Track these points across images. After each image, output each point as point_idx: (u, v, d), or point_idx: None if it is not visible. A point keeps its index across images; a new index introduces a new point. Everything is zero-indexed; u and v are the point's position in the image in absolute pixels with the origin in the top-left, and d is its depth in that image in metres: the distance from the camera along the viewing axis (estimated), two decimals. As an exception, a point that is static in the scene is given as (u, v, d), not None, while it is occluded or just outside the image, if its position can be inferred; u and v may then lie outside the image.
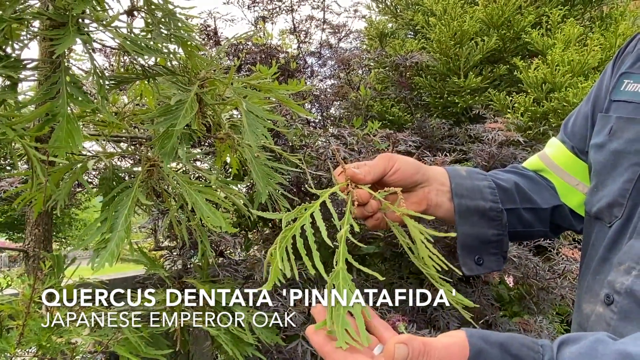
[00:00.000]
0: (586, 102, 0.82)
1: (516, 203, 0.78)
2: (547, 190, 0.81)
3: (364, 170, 0.68)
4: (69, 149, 0.82)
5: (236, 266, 1.52)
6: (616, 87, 0.73)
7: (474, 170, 0.79)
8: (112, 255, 0.84)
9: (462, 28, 2.90)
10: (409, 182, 0.72)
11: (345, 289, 0.52)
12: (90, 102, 0.82)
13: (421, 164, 0.75)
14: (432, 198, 0.74)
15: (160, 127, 0.89)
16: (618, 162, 0.67)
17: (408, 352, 0.45)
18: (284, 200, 1.12)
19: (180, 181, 0.94)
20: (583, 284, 0.71)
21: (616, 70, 0.76)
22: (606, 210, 0.68)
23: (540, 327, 2.00)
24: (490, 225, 0.75)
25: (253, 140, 0.89)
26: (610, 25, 3.00)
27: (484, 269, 0.75)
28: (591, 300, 0.66)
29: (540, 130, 2.67)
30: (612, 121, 0.70)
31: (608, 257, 0.66)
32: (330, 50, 3.38)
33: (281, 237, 0.57)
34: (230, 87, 0.97)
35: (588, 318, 0.66)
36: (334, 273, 0.54)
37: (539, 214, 0.80)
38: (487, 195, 0.75)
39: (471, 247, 0.75)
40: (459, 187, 0.75)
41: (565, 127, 0.85)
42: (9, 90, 0.83)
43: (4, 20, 0.79)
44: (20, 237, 12.47)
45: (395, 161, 0.71)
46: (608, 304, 0.61)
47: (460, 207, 0.74)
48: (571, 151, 0.81)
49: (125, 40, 0.81)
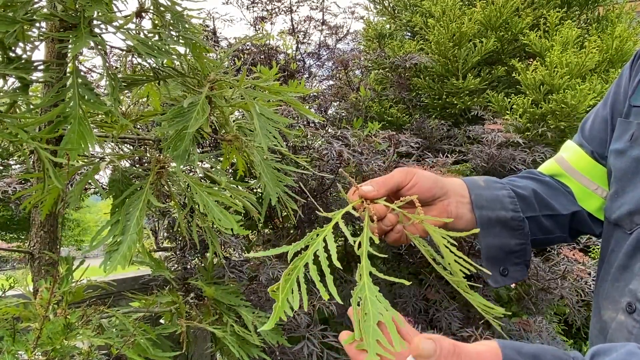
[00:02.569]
0: (604, 105, 0.81)
1: (535, 211, 0.77)
2: (565, 196, 0.81)
3: (377, 184, 0.67)
4: (81, 150, 0.82)
5: (240, 267, 1.52)
6: (636, 91, 0.73)
7: (491, 180, 0.79)
8: (124, 257, 0.84)
9: (460, 30, 2.92)
10: (427, 195, 0.71)
11: (372, 301, 0.51)
12: (103, 104, 0.82)
13: (438, 177, 0.73)
14: (452, 210, 0.73)
15: (171, 130, 0.88)
16: (639, 169, 0.66)
17: (435, 349, 0.45)
18: (292, 202, 1.13)
19: (191, 183, 0.94)
20: (602, 290, 0.71)
21: (634, 73, 0.76)
22: (627, 218, 0.67)
23: (540, 328, 2.01)
24: (513, 235, 0.74)
25: (265, 143, 0.89)
26: (607, 27, 3.02)
27: (510, 280, 0.74)
28: (611, 307, 0.66)
29: (538, 132, 2.69)
30: (633, 127, 0.70)
31: (628, 264, 0.65)
32: (328, 50, 3.39)
33: (292, 267, 0.55)
34: (241, 89, 0.97)
35: (608, 325, 0.66)
36: (358, 286, 0.53)
37: (558, 221, 0.79)
38: (508, 204, 0.75)
39: (495, 258, 0.74)
40: (479, 198, 0.74)
41: (582, 130, 0.85)
42: (20, 92, 0.82)
43: (16, 22, 0.78)
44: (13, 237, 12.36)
45: (413, 175, 0.70)
46: (630, 312, 0.61)
47: (482, 219, 0.73)
48: (590, 155, 0.80)
49: (139, 44, 0.81)
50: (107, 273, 0.81)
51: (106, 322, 1.11)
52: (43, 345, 0.71)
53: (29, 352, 0.68)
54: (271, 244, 1.98)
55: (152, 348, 1.06)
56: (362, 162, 1.78)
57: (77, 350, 0.87)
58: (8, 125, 0.77)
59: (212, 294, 1.37)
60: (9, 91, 0.83)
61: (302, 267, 0.55)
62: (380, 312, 0.50)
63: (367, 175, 2.03)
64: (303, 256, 0.56)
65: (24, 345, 0.69)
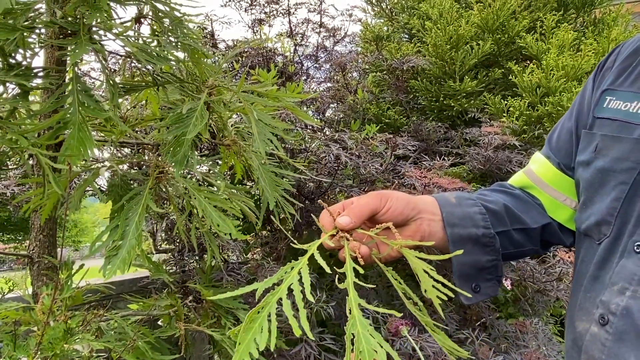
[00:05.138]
0: (569, 117, 0.82)
1: (507, 225, 0.78)
2: (535, 209, 0.82)
3: (354, 214, 0.66)
4: (81, 157, 0.83)
5: (239, 270, 1.53)
6: (599, 103, 0.73)
7: (463, 196, 0.79)
8: (123, 262, 0.85)
9: (457, 32, 2.93)
10: (401, 218, 0.71)
11: (366, 337, 0.50)
12: (103, 111, 0.82)
13: (410, 197, 0.74)
14: (425, 229, 0.73)
15: (170, 135, 0.89)
16: (605, 180, 0.67)
17: None
18: (290, 207, 1.14)
19: (189, 187, 0.95)
20: (575, 301, 0.71)
21: (597, 85, 0.77)
22: (595, 228, 0.68)
23: (536, 329, 2.03)
24: (485, 252, 0.75)
25: (263, 149, 0.90)
26: (603, 30, 3.04)
27: (481, 296, 0.75)
28: (584, 319, 0.67)
29: (535, 134, 2.70)
30: (597, 139, 0.71)
31: (598, 275, 0.66)
32: (326, 52, 3.40)
33: (262, 304, 0.51)
34: (239, 95, 0.98)
35: (582, 337, 0.66)
36: (350, 322, 0.51)
37: (529, 234, 0.80)
38: (479, 221, 0.75)
39: (468, 275, 0.75)
40: (451, 216, 0.75)
41: (549, 142, 0.86)
42: (21, 98, 0.83)
43: (17, 30, 0.79)
44: (10, 238, 12.34)
45: (387, 199, 0.70)
46: (603, 324, 0.62)
47: (453, 236, 0.73)
48: (557, 167, 0.81)
49: (138, 51, 0.82)
50: (107, 278, 0.81)
51: (105, 325, 1.12)
52: (44, 350, 0.71)
53: (30, 358, 0.69)
54: (269, 246, 1.99)
55: (150, 351, 1.07)
56: (360, 165, 1.79)
57: (78, 355, 0.87)
58: (9, 132, 0.78)
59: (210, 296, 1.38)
60: (9, 98, 0.84)
61: (275, 304, 0.52)
62: (374, 349, 0.49)
63: (364, 178, 2.05)
64: (276, 292, 0.53)
65: (25, 350, 0.70)
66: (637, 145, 0.64)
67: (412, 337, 1.45)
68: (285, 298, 0.52)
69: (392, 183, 1.95)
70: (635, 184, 0.63)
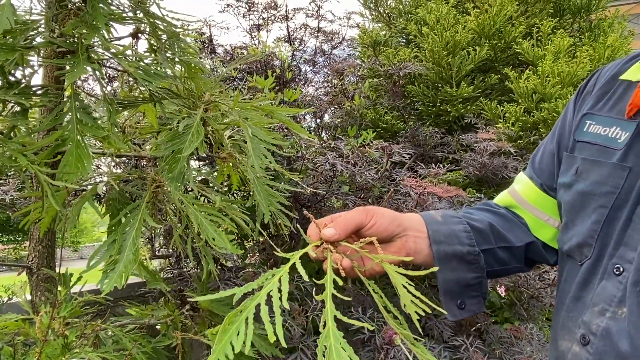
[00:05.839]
0: (551, 139, 0.84)
1: (491, 243, 0.79)
2: (520, 228, 0.83)
3: (340, 227, 0.67)
4: (79, 174, 0.85)
5: (235, 279, 1.54)
6: (579, 127, 0.76)
7: (448, 214, 0.81)
8: (120, 276, 0.87)
9: (454, 38, 2.95)
10: (386, 234, 0.73)
11: (337, 349, 0.50)
12: (101, 129, 0.84)
13: (397, 214, 0.75)
14: (410, 246, 0.75)
15: (166, 151, 0.91)
16: (585, 203, 0.69)
17: None
18: (285, 218, 1.15)
19: (185, 202, 0.96)
20: (558, 319, 0.73)
21: (578, 108, 0.79)
22: (577, 250, 0.70)
23: (531, 334, 2.05)
24: (470, 269, 0.76)
25: (257, 164, 0.92)
26: (599, 36, 3.06)
27: (467, 313, 0.77)
28: (567, 338, 0.68)
29: (530, 140, 2.73)
30: (577, 162, 0.73)
31: (580, 295, 0.68)
32: (323, 57, 3.42)
33: (241, 307, 0.53)
34: (235, 111, 1.00)
35: (565, 355, 0.68)
36: (324, 334, 0.52)
37: (513, 252, 0.81)
38: (464, 239, 0.77)
39: (453, 292, 0.77)
40: (436, 233, 0.76)
41: (532, 163, 0.87)
42: (20, 116, 0.85)
43: (16, 50, 0.81)
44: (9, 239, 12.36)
45: (372, 215, 0.71)
46: (584, 344, 0.63)
47: (439, 254, 0.75)
48: (540, 188, 0.83)
49: (135, 70, 0.83)
50: (105, 292, 0.83)
51: (102, 334, 1.13)
52: (42, 364, 0.73)
53: (28, 373, 0.70)
54: (266, 253, 2.01)
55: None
56: (356, 172, 1.81)
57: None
58: (9, 150, 0.80)
59: (206, 305, 1.40)
60: (8, 115, 0.86)
61: (253, 308, 0.52)
62: None
63: (360, 185, 2.06)
64: (255, 297, 0.54)
65: (24, 366, 0.72)
66: (615, 170, 0.66)
67: (404, 347, 1.46)
68: (263, 304, 0.53)
69: (388, 190, 1.97)
70: (614, 208, 0.65)
